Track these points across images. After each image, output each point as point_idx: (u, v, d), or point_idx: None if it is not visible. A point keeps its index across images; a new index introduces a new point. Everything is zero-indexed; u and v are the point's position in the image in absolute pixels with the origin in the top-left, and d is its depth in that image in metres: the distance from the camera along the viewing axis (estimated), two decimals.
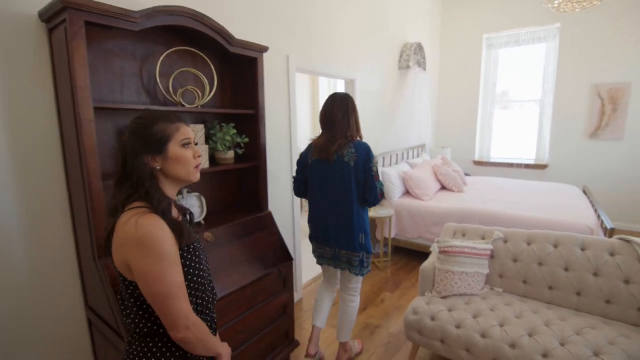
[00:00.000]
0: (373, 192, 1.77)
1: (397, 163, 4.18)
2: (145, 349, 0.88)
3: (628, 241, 1.84)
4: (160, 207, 0.86)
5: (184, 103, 1.74)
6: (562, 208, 3.11)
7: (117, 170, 0.92)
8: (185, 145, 0.93)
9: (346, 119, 1.79)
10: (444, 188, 3.98)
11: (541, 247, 1.99)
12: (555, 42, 4.63)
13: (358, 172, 1.76)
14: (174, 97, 1.71)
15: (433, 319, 1.82)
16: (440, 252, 2.04)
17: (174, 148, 0.91)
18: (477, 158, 5.39)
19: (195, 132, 1.76)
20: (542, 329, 1.62)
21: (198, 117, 1.92)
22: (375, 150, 3.72)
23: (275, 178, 2.50)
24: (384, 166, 3.88)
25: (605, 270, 1.80)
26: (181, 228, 0.88)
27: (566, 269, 1.90)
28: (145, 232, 0.80)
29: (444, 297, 1.97)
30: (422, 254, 3.51)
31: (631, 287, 1.73)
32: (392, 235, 3.54)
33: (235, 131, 1.93)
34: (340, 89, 6.10)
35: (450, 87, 5.46)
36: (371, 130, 3.62)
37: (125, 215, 0.84)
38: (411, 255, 3.63)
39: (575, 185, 4.35)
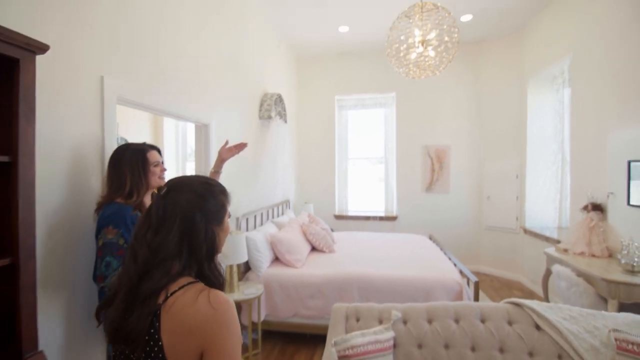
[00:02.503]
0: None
1: (262, 224, 3.59)
2: None
3: (519, 304, 1.74)
4: (222, 280, 0.82)
5: None
6: (427, 262, 3.14)
7: (158, 242, 0.77)
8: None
9: (109, 173, 1.52)
10: (314, 249, 3.58)
11: (444, 325, 1.70)
12: (392, 108, 5.25)
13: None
14: None
15: None
16: (341, 358, 1.47)
17: (226, 217, 0.89)
18: (337, 212, 5.38)
19: None
20: None
21: None
22: (237, 210, 3.03)
23: (61, 283, 1.48)
24: (247, 229, 3.22)
25: (509, 343, 1.62)
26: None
27: (472, 349, 1.64)
28: (225, 310, 0.73)
29: None
30: (298, 336, 2.89)
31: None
32: (262, 318, 2.81)
33: None
34: (191, 132, 5.27)
35: (308, 141, 5.44)
36: (231, 186, 2.95)
37: (183, 295, 0.73)
38: (286, 339, 2.95)
39: (422, 233, 4.74)
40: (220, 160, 1.89)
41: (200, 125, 2.55)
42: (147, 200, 1.59)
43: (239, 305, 2.83)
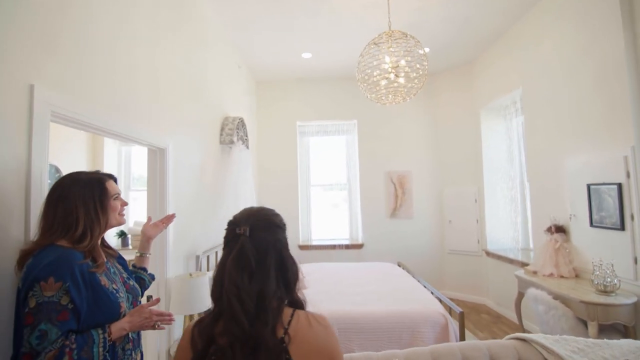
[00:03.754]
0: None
1: None
2: None
3: (525, 340, 1.62)
4: (304, 299, 0.88)
5: None
6: (406, 294, 2.98)
7: (261, 286, 0.80)
8: None
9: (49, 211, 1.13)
10: None
11: None
12: (354, 134, 5.24)
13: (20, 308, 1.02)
14: None
15: None
16: None
17: None
18: (301, 242, 5.10)
19: None
20: None
21: None
22: (195, 248, 2.64)
23: None
24: (209, 269, 2.81)
25: None
26: None
27: None
28: (328, 324, 0.83)
29: None
30: None
31: None
32: None
33: None
34: (137, 157, 4.72)
35: (270, 168, 5.18)
36: (188, 223, 2.58)
37: (298, 324, 0.80)
38: None
39: (389, 260, 4.62)
40: (147, 240, 1.50)
41: (155, 150, 2.20)
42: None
43: None
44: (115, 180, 1.28)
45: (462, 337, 2.39)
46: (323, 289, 3.20)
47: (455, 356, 1.57)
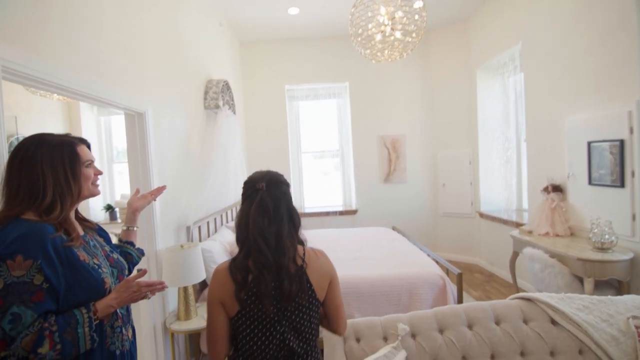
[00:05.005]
0: None
1: (215, 231, 3.10)
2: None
3: (530, 299, 1.59)
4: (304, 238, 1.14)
5: None
6: (403, 257, 2.97)
7: (278, 228, 1.03)
8: None
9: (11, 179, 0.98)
10: None
11: (458, 334, 1.48)
12: (346, 98, 5.03)
13: None
14: None
15: None
16: None
17: None
18: None
19: None
20: None
21: None
22: (185, 218, 2.53)
23: None
24: (201, 239, 2.72)
25: (529, 345, 1.45)
26: None
27: (492, 357, 1.45)
28: (327, 256, 1.16)
29: None
30: None
31: (559, 359, 1.42)
32: None
33: None
34: (118, 129, 4.46)
35: (259, 135, 4.98)
36: (176, 193, 2.44)
37: (309, 256, 1.09)
38: None
39: (383, 225, 4.61)
40: (132, 212, 1.35)
41: (134, 114, 2.00)
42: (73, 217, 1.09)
43: (198, 335, 2.36)
44: (88, 146, 1.12)
45: (460, 298, 2.40)
46: None
47: (460, 318, 1.53)
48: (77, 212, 1.14)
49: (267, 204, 1.02)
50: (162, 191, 1.43)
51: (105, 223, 4.02)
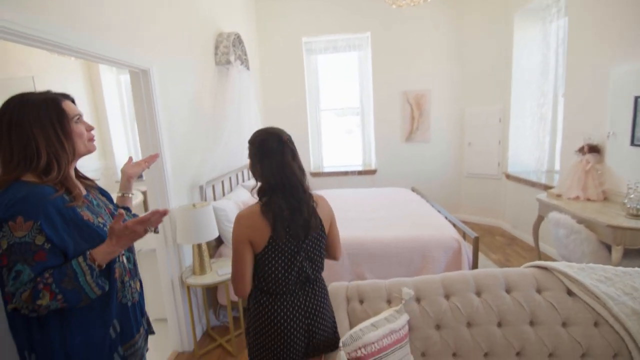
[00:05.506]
0: None
1: (231, 190, 3.13)
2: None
3: (546, 268, 1.50)
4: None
5: None
6: (418, 218, 2.90)
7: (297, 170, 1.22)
8: None
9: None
10: None
11: (464, 300, 1.43)
12: (367, 50, 4.71)
13: None
14: None
15: None
16: None
17: None
18: (312, 169, 4.99)
19: None
20: None
21: None
22: (198, 178, 2.55)
23: None
24: (215, 198, 2.76)
25: (540, 315, 1.39)
26: None
27: (499, 324, 1.40)
28: (327, 200, 1.35)
29: None
30: None
31: (572, 330, 1.36)
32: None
33: None
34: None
35: (275, 92, 4.83)
36: (188, 152, 2.43)
37: (314, 195, 1.28)
38: None
39: (403, 186, 4.50)
40: (127, 179, 1.32)
41: (138, 72, 1.94)
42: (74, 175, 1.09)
43: (215, 287, 2.47)
44: (73, 101, 1.09)
45: (475, 263, 2.34)
46: None
47: (468, 284, 1.48)
48: (76, 170, 1.14)
49: (295, 153, 1.22)
50: (155, 159, 1.41)
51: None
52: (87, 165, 3.95)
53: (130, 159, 1.38)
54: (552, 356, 1.36)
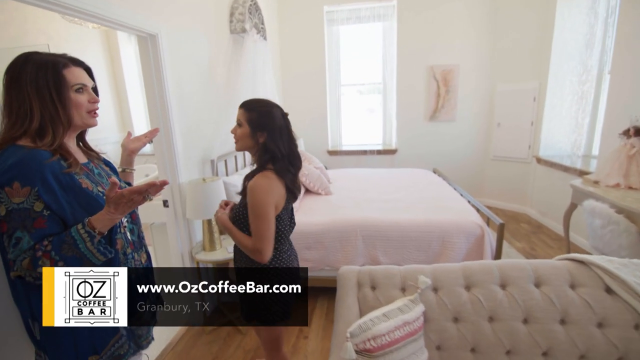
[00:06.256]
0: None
1: (244, 166, 3.06)
2: None
3: (582, 262, 1.35)
4: None
5: None
6: (438, 201, 2.74)
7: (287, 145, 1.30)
8: None
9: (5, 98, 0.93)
10: (308, 191, 3.13)
11: (487, 293, 1.31)
12: (393, 20, 4.41)
13: None
14: None
15: None
16: (361, 353, 1.08)
17: None
18: (330, 147, 4.85)
19: None
20: None
21: None
22: (210, 152, 2.47)
23: None
24: (227, 174, 2.69)
25: (572, 313, 1.25)
26: None
27: (525, 321, 1.28)
28: None
29: None
30: None
31: (608, 332, 1.22)
32: None
33: None
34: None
35: (293, 65, 4.65)
36: (199, 124, 2.35)
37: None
38: None
39: (424, 167, 4.31)
40: (128, 155, 1.26)
41: (145, 36, 1.84)
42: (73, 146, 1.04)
43: (225, 263, 2.44)
44: (87, 69, 1.02)
45: (499, 251, 2.19)
46: (349, 194, 3.03)
47: (492, 275, 1.35)
48: (84, 141, 1.10)
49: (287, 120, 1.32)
50: (155, 134, 1.33)
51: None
52: (106, 137, 3.98)
53: (129, 133, 1.31)
54: (584, 358, 1.23)
